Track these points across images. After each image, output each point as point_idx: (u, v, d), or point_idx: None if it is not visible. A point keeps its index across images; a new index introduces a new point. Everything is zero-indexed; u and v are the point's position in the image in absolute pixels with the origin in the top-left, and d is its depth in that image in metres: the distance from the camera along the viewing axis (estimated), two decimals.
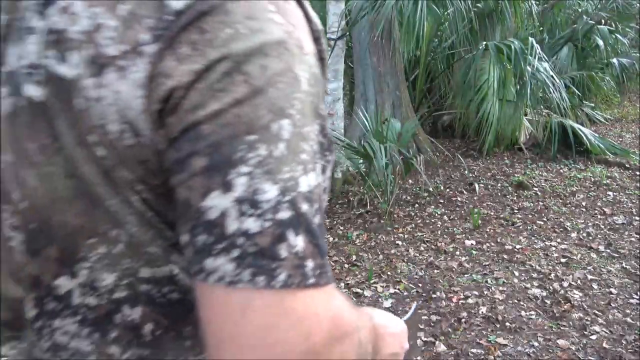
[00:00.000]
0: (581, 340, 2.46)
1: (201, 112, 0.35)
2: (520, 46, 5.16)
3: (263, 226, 0.34)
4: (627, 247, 3.50)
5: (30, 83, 0.39)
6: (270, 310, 0.34)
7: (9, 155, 0.41)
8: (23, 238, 0.44)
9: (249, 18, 0.36)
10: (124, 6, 0.36)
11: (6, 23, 0.41)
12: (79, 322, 0.45)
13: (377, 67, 5.46)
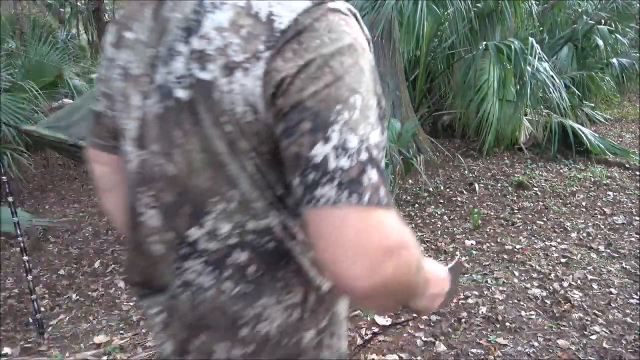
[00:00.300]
0: (581, 340, 2.45)
1: (304, 93, 0.53)
2: (520, 46, 5.16)
3: (351, 163, 0.52)
4: (627, 247, 3.50)
5: (179, 88, 0.60)
6: (360, 220, 0.51)
7: (155, 146, 0.64)
8: (155, 212, 0.66)
9: (329, 31, 0.56)
10: (243, 29, 0.56)
11: (154, 55, 0.63)
12: (204, 262, 0.64)
13: (377, 67, 5.37)
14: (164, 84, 0.62)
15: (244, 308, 0.64)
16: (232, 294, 0.64)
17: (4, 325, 2.99)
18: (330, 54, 0.55)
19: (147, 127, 0.65)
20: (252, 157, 0.60)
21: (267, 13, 0.56)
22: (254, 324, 0.65)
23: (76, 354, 2.61)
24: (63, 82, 6.13)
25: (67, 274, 3.88)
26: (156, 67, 0.63)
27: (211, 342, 0.66)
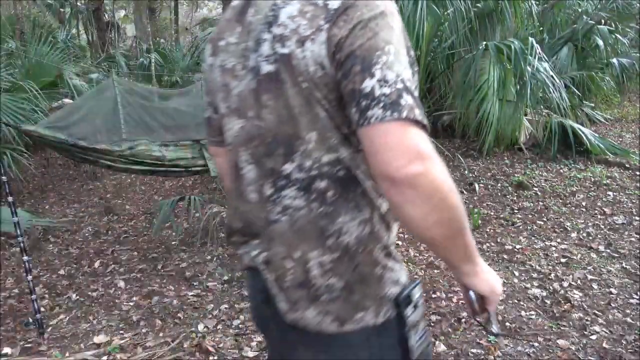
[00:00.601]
0: (581, 340, 2.45)
1: (353, 46, 0.77)
2: (520, 46, 5.16)
3: (391, 90, 0.74)
4: (627, 247, 3.50)
5: (267, 64, 0.85)
6: (400, 129, 0.73)
7: (250, 112, 0.89)
8: (252, 167, 0.92)
9: (366, 5, 0.79)
10: (308, 14, 0.80)
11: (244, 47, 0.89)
12: (296, 189, 0.86)
13: None
14: (255, 65, 0.87)
15: (328, 224, 0.86)
16: (318, 212, 0.86)
17: (4, 325, 2.99)
18: (368, 18, 0.78)
19: (244, 100, 0.91)
20: (323, 104, 0.83)
21: (322, 1, 0.82)
22: (337, 236, 0.86)
23: (76, 354, 2.61)
24: (63, 82, 6.13)
25: (67, 274, 3.88)
26: (247, 55, 0.89)
27: (307, 250, 0.87)
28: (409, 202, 0.74)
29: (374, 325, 0.89)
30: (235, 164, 0.97)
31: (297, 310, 0.90)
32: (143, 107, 3.49)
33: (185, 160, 3.65)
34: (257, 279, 0.97)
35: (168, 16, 17.12)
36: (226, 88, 0.96)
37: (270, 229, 0.91)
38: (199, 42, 7.68)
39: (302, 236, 0.88)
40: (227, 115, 0.98)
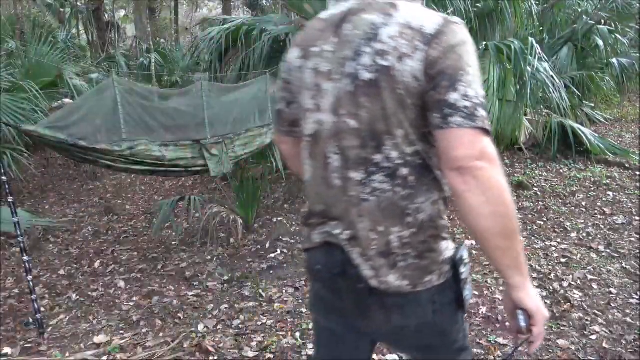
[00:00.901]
0: (581, 340, 2.45)
1: (443, 65, 0.96)
2: (520, 46, 5.15)
3: (470, 104, 0.94)
4: (627, 247, 3.50)
5: (366, 73, 1.01)
6: (473, 134, 0.94)
7: (344, 111, 1.05)
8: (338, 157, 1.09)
9: (452, 33, 0.99)
10: (407, 36, 0.99)
11: (342, 56, 1.06)
12: (384, 175, 1.05)
13: None
14: (353, 72, 1.04)
15: (408, 204, 1.07)
16: (400, 194, 1.06)
17: (4, 325, 2.99)
18: (455, 44, 0.99)
19: (339, 101, 1.07)
20: (411, 108, 1.02)
21: (419, 26, 1.01)
22: (415, 214, 1.07)
23: (76, 354, 2.61)
24: (63, 82, 6.13)
25: (67, 274, 3.88)
26: (344, 63, 1.06)
27: (389, 226, 1.07)
28: (471, 190, 0.95)
29: (437, 286, 1.12)
30: (323, 154, 1.13)
31: (380, 276, 1.09)
32: (143, 107, 3.48)
33: (185, 160, 3.65)
34: (334, 255, 1.14)
35: (168, 16, 17.12)
36: (318, 88, 1.12)
37: (360, 207, 1.09)
38: (199, 42, 7.68)
39: (386, 214, 1.07)
40: (313, 111, 1.14)
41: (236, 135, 4.05)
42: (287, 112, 1.27)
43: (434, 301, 1.13)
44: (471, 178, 0.95)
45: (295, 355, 2.46)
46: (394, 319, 1.14)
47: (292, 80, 1.21)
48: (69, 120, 3.07)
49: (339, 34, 1.10)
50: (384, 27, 1.03)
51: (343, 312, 1.22)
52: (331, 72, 1.09)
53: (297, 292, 3.17)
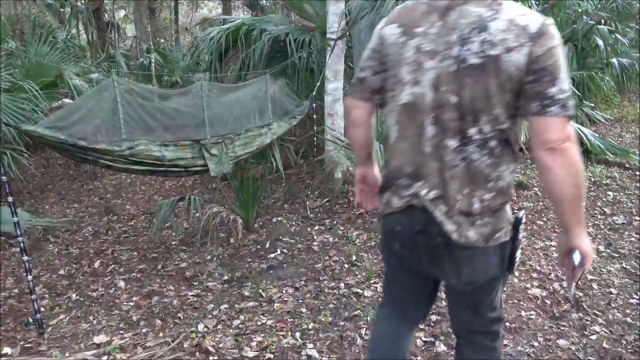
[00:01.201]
0: (581, 340, 2.46)
1: (546, 63, 1.20)
2: None
3: (564, 97, 1.20)
4: (627, 247, 3.50)
5: (474, 58, 1.22)
6: (564, 122, 1.21)
7: (445, 88, 1.26)
8: (432, 127, 1.30)
9: (551, 33, 1.22)
10: (513, 32, 1.21)
11: (448, 40, 1.26)
12: (475, 146, 1.26)
13: None
14: (459, 55, 1.24)
15: (492, 172, 1.29)
16: (487, 162, 1.28)
17: (4, 325, 2.99)
18: (554, 46, 1.22)
19: (441, 78, 1.27)
20: (508, 93, 1.24)
21: (524, 24, 1.21)
22: (496, 180, 1.30)
23: (76, 354, 2.61)
24: (63, 82, 6.13)
25: (67, 274, 3.88)
26: (451, 47, 1.25)
27: (474, 189, 1.29)
28: (558, 166, 1.22)
29: (501, 243, 1.36)
30: (421, 124, 1.33)
31: (461, 231, 1.32)
32: (143, 107, 3.48)
33: (185, 160, 3.65)
34: (415, 215, 1.38)
35: (168, 16, 17.11)
36: (418, 64, 1.31)
37: (451, 171, 1.30)
38: (199, 42, 7.68)
39: (472, 179, 1.30)
40: (410, 83, 1.33)
41: (236, 135, 4.05)
42: (371, 79, 1.46)
43: (496, 255, 1.38)
44: (559, 156, 1.21)
45: (295, 355, 2.46)
46: (463, 271, 1.38)
47: (385, 53, 1.40)
48: (69, 120, 3.07)
49: (444, 20, 1.29)
50: (493, 21, 1.23)
51: (417, 265, 1.51)
52: (434, 52, 1.29)
53: (297, 292, 3.18)
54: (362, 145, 1.65)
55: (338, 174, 5.00)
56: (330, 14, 4.84)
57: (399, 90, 1.36)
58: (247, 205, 4.37)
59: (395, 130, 1.40)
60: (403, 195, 1.39)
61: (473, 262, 1.37)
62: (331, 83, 4.95)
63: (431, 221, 1.34)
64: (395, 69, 1.37)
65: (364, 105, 1.51)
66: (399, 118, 1.38)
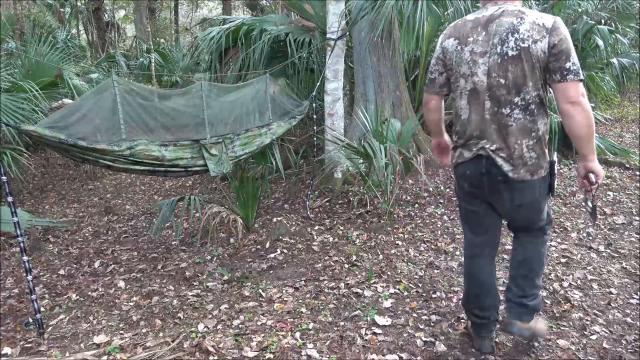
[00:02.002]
0: (581, 340, 2.45)
1: (561, 47, 1.89)
2: None
3: (576, 68, 1.89)
4: (627, 247, 3.50)
5: (512, 51, 1.94)
6: (578, 84, 1.90)
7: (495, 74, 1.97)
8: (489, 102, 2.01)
9: (561, 27, 1.92)
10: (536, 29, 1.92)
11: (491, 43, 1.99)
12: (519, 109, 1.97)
13: (377, 67, 5.46)
14: (501, 51, 1.93)
15: (533, 126, 1.97)
16: (529, 120, 1.96)
17: (4, 325, 2.99)
18: (564, 35, 1.88)
19: (491, 69, 1.95)
20: (538, 70, 1.92)
21: (542, 23, 1.90)
22: (536, 131, 1.97)
23: (76, 354, 2.61)
24: (63, 82, 6.13)
25: (67, 274, 3.89)
26: (495, 47, 1.94)
27: (523, 139, 1.96)
28: (578, 113, 1.87)
29: (542, 176, 2.03)
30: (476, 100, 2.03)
31: (516, 170, 2.00)
32: (143, 107, 3.48)
33: (185, 160, 3.65)
34: (481, 162, 2.06)
35: (168, 16, 17.11)
36: (473, 62, 2.01)
37: (507, 129, 1.98)
38: (199, 42, 7.68)
39: (521, 132, 1.97)
40: (469, 75, 2.03)
41: (236, 136, 4.05)
42: (438, 79, 2.21)
43: (539, 185, 2.05)
44: (578, 106, 1.88)
45: (295, 355, 2.46)
46: (516, 197, 2.07)
47: (448, 59, 2.12)
48: (69, 120, 3.07)
49: (487, 30, 2.00)
50: (520, 25, 1.93)
51: (483, 198, 2.18)
52: (484, 52, 1.99)
53: (297, 292, 3.17)
54: (437, 124, 2.40)
55: (338, 174, 5.00)
56: (330, 14, 4.84)
57: (462, 81, 2.08)
58: (247, 205, 4.37)
59: (464, 108, 2.10)
60: (472, 149, 2.09)
61: (523, 190, 2.05)
62: (331, 83, 4.95)
63: (493, 165, 2.04)
64: (457, 67, 2.08)
65: (436, 97, 2.28)
66: (467, 100, 2.08)
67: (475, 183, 2.12)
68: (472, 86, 2.02)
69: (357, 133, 5.36)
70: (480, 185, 2.10)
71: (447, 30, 2.12)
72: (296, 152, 5.92)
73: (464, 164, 2.12)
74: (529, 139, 1.97)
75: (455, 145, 2.18)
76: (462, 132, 2.11)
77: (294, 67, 6.21)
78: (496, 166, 2.01)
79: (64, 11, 13.01)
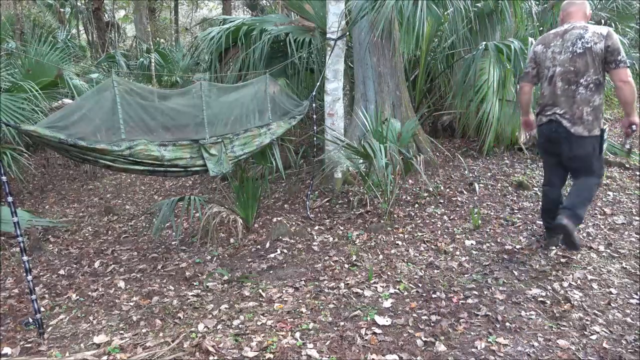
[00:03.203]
0: (581, 340, 2.45)
1: (614, 47, 3.04)
2: (519, 46, 5.16)
3: (624, 58, 3.03)
4: (627, 247, 3.50)
5: (579, 50, 3.11)
6: (627, 69, 3.04)
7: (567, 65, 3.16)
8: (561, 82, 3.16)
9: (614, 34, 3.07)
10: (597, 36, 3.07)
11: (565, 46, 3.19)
12: (583, 87, 3.09)
13: (377, 67, 5.45)
14: (572, 50, 3.12)
15: (590, 98, 3.07)
16: (588, 94, 3.07)
17: (4, 325, 2.99)
18: (615, 39, 3.03)
19: (564, 61, 3.14)
20: (597, 61, 3.05)
21: (599, 32, 3.06)
22: (593, 102, 3.07)
23: (76, 354, 2.61)
24: (63, 82, 6.13)
25: (67, 274, 3.88)
26: (568, 48, 3.14)
27: (583, 107, 3.07)
28: (628, 88, 2.98)
29: (595, 135, 3.07)
30: (555, 81, 3.16)
31: (576, 128, 3.07)
32: (142, 107, 3.48)
33: (184, 160, 3.65)
34: (553, 123, 3.18)
35: (168, 16, 17.11)
36: (553, 58, 3.19)
37: (573, 100, 3.07)
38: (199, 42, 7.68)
39: (582, 102, 3.06)
40: (550, 67, 3.19)
41: (235, 136, 4.05)
42: (531, 72, 3.36)
43: (593, 141, 3.06)
44: (628, 84, 2.96)
45: (295, 355, 2.46)
46: (574, 148, 3.10)
47: (537, 58, 3.29)
48: (69, 120, 3.07)
49: (563, 38, 3.16)
50: (585, 34, 3.06)
51: (553, 151, 3.28)
52: (560, 51, 3.15)
53: (297, 292, 3.17)
54: (527, 105, 3.53)
55: (338, 174, 5.00)
56: (330, 14, 4.84)
57: (545, 71, 3.24)
58: (247, 205, 4.37)
59: (546, 89, 3.23)
60: (547, 115, 3.22)
61: (579, 144, 3.09)
62: (331, 83, 4.95)
63: (560, 125, 3.13)
64: (543, 63, 3.26)
65: (529, 84, 3.43)
66: (547, 82, 3.22)
67: (548, 138, 3.26)
68: (552, 73, 3.19)
69: (357, 133, 5.36)
70: (551, 139, 3.22)
71: (538, 40, 3.37)
72: (296, 152, 5.92)
73: (542, 125, 3.28)
74: (587, 107, 3.05)
75: (538, 113, 3.34)
76: (542, 104, 3.27)
77: (294, 67, 6.21)
78: (562, 126, 3.12)
79: (64, 11, 13.01)
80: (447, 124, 6.66)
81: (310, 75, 6.57)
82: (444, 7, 5.94)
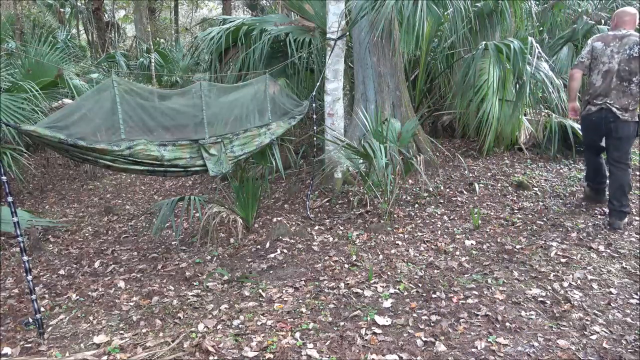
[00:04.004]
0: (581, 340, 2.45)
1: None
2: (519, 46, 5.16)
3: None
4: (627, 247, 3.50)
5: (635, 53, 3.75)
6: None
7: (622, 65, 3.79)
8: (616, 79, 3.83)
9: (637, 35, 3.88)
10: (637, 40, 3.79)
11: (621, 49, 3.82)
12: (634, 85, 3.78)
13: (377, 67, 5.45)
14: (629, 53, 3.75)
15: (637, 92, 3.77)
16: (636, 90, 3.76)
17: (4, 325, 2.99)
18: None
19: (621, 61, 3.78)
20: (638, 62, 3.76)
21: (636, 37, 3.76)
22: (634, 95, 3.77)
23: (76, 354, 2.61)
24: (63, 82, 6.13)
25: (67, 274, 3.88)
26: (626, 50, 3.77)
27: (629, 99, 3.78)
28: None
29: (635, 121, 3.80)
30: (611, 77, 3.79)
31: (622, 113, 3.78)
32: (142, 107, 3.48)
33: (184, 160, 3.65)
34: (602, 111, 3.85)
35: (168, 16, 17.12)
36: (612, 56, 3.80)
37: (622, 93, 3.77)
38: (199, 42, 7.68)
39: (629, 96, 3.77)
40: (607, 63, 3.82)
41: (234, 136, 4.05)
42: (585, 62, 3.93)
43: (633, 124, 3.80)
44: None
45: (295, 355, 2.46)
46: (620, 130, 3.79)
47: (594, 52, 3.89)
48: (69, 120, 3.07)
49: (621, 42, 3.78)
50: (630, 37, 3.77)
51: (598, 132, 3.97)
52: (618, 52, 3.77)
53: (297, 292, 3.17)
54: (576, 91, 4.03)
55: (338, 174, 5.00)
56: (330, 14, 4.84)
57: (601, 65, 3.82)
58: (247, 205, 4.37)
59: (598, 80, 3.82)
60: (597, 104, 3.84)
61: (624, 126, 3.76)
62: (331, 83, 4.95)
63: (610, 112, 3.78)
64: (600, 58, 3.83)
65: (580, 72, 3.94)
66: (601, 76, 3.81)
67: (595, 124, 3.90)
68: (608, 68, 3.78)
69: (357, 133, 5.36)
70: (599, 124, 3.86)
71: (596, 37, 3.94)
72: (296, 152, 5.92)
73: (591, 113, 3.90)
74: (632, 100, 3.73)
75: (587, 102, 3.91)
76: (593, 93, 3.85)
77: (294, 67, 6.21)
78: (611, 112, 3.77)
79: (64, 11, 13.01)
80: (447, 124, 6.66)
81: (310, 75, 6.57)
82: (444, 7, 5.94)
